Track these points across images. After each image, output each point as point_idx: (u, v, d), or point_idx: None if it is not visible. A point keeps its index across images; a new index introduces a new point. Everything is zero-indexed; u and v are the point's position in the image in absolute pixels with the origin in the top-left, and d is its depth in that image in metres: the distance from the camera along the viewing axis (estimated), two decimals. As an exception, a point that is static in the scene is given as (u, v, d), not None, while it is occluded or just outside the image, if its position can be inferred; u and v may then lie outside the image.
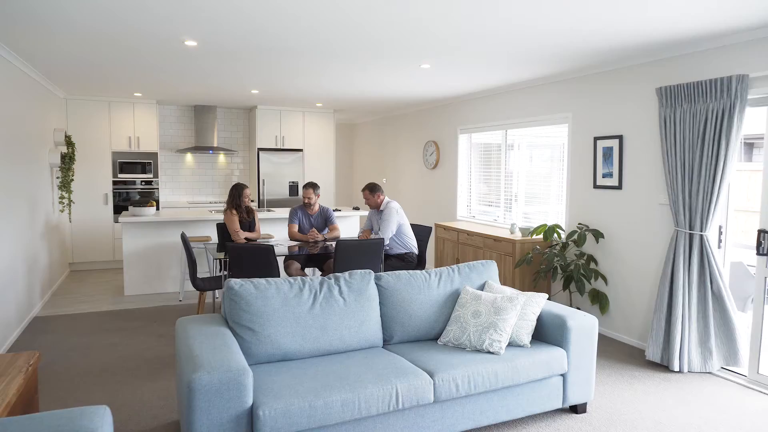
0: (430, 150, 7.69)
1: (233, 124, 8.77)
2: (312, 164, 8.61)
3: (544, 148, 5.76)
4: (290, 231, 5.56)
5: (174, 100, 7.71)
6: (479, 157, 6.88)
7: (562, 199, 5.39)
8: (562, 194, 5.40)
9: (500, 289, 3.43)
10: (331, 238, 5.54)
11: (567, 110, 5.21)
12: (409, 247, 5.28)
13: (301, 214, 5.65)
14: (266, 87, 6.40)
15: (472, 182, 7.02)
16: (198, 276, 5.50)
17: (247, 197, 5.35)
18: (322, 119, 8.63)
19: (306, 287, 3.07)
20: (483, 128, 6.60)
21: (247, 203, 5.38)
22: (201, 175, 8.62)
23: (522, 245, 5.25)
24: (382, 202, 5.28)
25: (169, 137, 8.37)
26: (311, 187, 5.57)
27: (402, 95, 6.91)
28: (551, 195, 5.61)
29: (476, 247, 5.86)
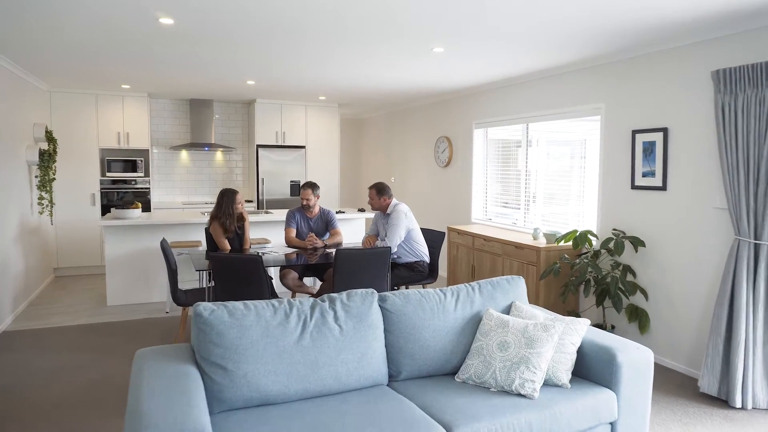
0: (442, 146, 7.09)
1: (231, 120, 8.22)
2: (315, 162, 8.05)
3: (569, 145, 5.14)
4: (287, 236, 4.99)
5: (167, 93, 7.17)
6: (496, 154, 6.27)
7: (592, 202, 4.77)
8: (591, 196, 4.78)
9: (531, 312, 2.83)
10: (333, 245, 4.97)
11: (599, 101, 4.59)
12: (420, 255, 4.69)
13: (300, 217, 5.09)
14: (263, 77, 5.83)
15: (488, 182, 6.41)
16: (180, 288, 4.93)
17: (239, 204, 4.78)
18: (326, 114, 8.06)
19: (293, 312, 2.49)
20: (501, 122, 5.99)
21: (240, 210, 4.81)
22: (197, 174, 8.08)
23: (547, 253, 4.64)
24: (388, 206, 4.70)
25: (163, 133, 7.84)
26: (310, 187, 5.00)
27: (412, 86, 6.32)
28: (577, 196, 4.99)
29: (494, 254, 5.25)
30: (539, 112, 5.35)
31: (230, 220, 4.70)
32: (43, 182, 5.85)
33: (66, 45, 4.31)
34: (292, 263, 4.31)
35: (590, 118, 4.77)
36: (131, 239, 5.54)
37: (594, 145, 4.76)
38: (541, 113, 5.32)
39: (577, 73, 4.83)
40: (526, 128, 5.67)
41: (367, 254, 3.86)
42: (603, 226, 4.58)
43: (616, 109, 4.41)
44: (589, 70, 4.69)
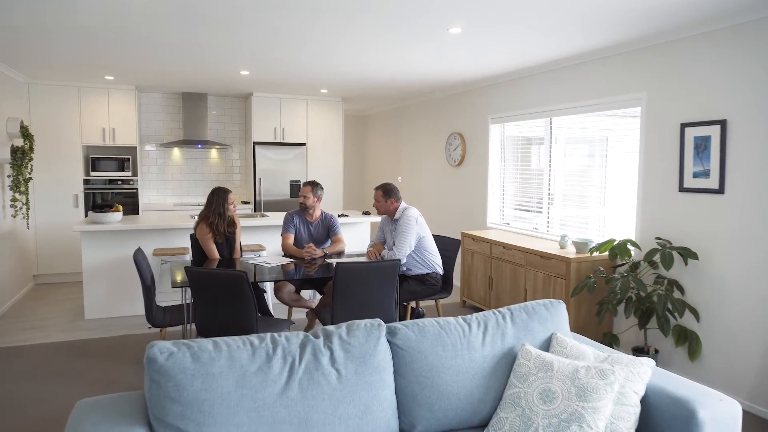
0: (455, 144, 6.51)
1: (227, 115, 7.68)
2: (317, 161, 7.49)
3: (600, 142, 4.55)
4: (283, 243, 4.44)
5: (156, 85, 6.63)
6: (514, 152, 5.69)
7: (628, 207, 4.19)
8: (626, 199, 4.19)
9: (577, 348, 2.26)
10: (334, 254, 4.41)
11: (639, 89, 4.00)
12: (432, 266, 4.12)
13: (299, 221, 4.53)
14: (259, 66, 5.28)
15: (505, 182, 5.83)
16: (159, 304, 4.40)
17: (231, 205, 4.24)
18: (329, 109, 7.49)
19: (278, 353, 1.93)
20: (520, 117, 5.41)
21: (232, 213, 4.27)
22: (190, 173, 7.55)
23: (578, 265, 4.06)
24: (396, 210, 4.13)
25: (153, 129, 7.30)
26: (310, 184, 4.46)
27: (423, 78, 5.75)
28: (605, 200, 4.40)
29: (515, 264, 4.68)
30: (565, 104, 4.76)
31: (220, 221, 4.16)
32: (16, 182, 5.33)
33: (41, 29, 3.77)
34: (288, 276, 3.75)
35: (626, 112, 4.19)
36: (111, 246, 5.00)
37: (627, 142, 4.17)
38: (568, 106, 4.74)
39: (613, 59, 4.25)
40: (549, 123, 5.09)
41: (372, 269, 3.30)
42: (643, 234, 3.99)
43: (661, 100, 3.83)
44: (627, 54, 4.10)
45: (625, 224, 4.24)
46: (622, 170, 4.30)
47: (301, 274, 3.85)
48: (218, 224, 4.16)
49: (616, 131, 4.38)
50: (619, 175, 4.32)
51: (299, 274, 3.83)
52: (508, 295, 4.80)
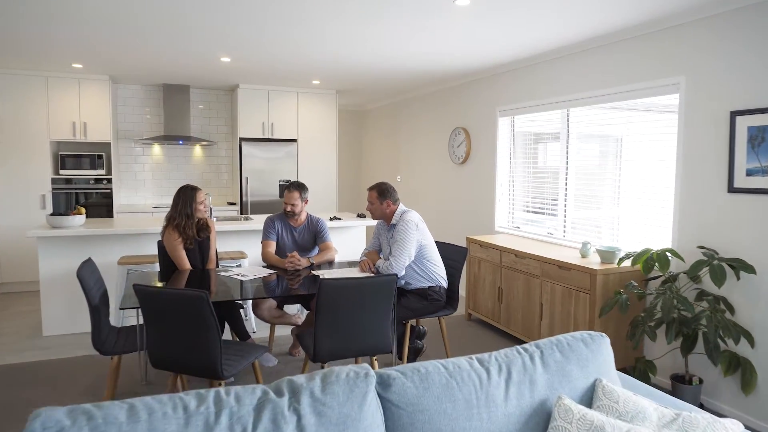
0: (459, 139, 5.94)
1: (212, 109, 7.11)
2: (309, 159, 6.92)
3: (618, 137, 3.98)
4: (264, 251, 3.88)
5: (133, 76, 6.07)
6: (525, 148, 5.12)
7: (662, 210, 3.62)
8: (657, 201, 3.63)
9: (633, 403, 1.69)
10: (322, 263, 3.85)
11: (676, 73, 3.43)
12: (435, 279, 3.56)
13: (281, 227, 3.97)
14: (241, 52, 4.71)
15: (514, 182, 5.26)
16: (113, 325, 3.83)
17: (201, 204, 3.67)
18: (322, 102, 6.92)
19: (222, 421, 1.37)
20: (533, 108, 4.84)
21: (202, 214, 3.71)
22: (171, 172, 6.98)
23: (605, 278, 3.50)
24: (392, 213, 3.57)
25: (131, 124, 6.73)
26: (297, 189, 3.90)
27: (424, 66, 5.18)
28: (633, 202, 3.84)
29: (530, 274, 4.11)
30: (586, 93, 4.19)
31: (189, 224, 3.60)
32: (-31, 182, 4.76)
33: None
34: (268, 291, 3.19)
35: (663, 99, 3.62)
36: (72, 253, 4.44)
37: (651, 136, 3.61)
38: (589, 95, 4.17)
39: (643, 39, 3.68)
40: (566, 115, 4.52)
41: (364, 286, 2.72)
42: (683, 242, 3.42)
43: (704, 85, 3.26)
44: (661, 33, 3.53)
45: (653, 230, 3.67)
46: (647, 168, 3.73)
47: (283, 288, 3.28)
48: (187, 227, 3.60)
49: (638, 124, 3.81)
50: (644, 174, 3.75)
51: (280, 289, 3.27)
52: (520, 310, 4.23)
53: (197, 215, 3.66)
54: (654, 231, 3.70)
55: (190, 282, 3.32)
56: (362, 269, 3.54)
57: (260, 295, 3.10)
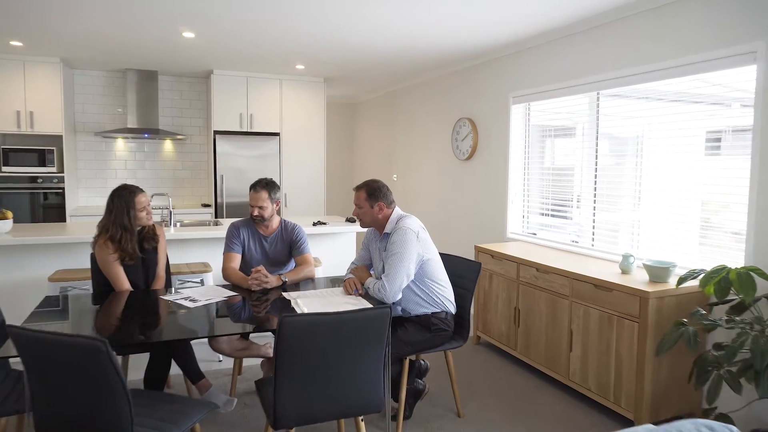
0: (464, 132, 5.17)
1: (184, 99, 6.31)
2: (293, 155, 6.13)
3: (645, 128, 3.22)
4: (225, 266, 3.10)
5: (91, 60, 5.27)
6: (542, 140, 4.36)
7: (725, 216, 2.85)
8: (714, 205, 2.86)
9: None
10: (298, 281, 3.07)
11: (753, 38, 2.67)
12: (441, 303, 2.78)
13: (248, 236, 3.20)
14: (207, 26, 3.92)
15: (529, 180, 4.49)
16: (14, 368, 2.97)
17: (143, 211, 2.89)
18: (308, 91, 6.14)
19: None
20: (552, 92, 4.07)
21: (146, 222, 2.92)
22: (138, 170, 6.18)
23: (659, 302, 2.73)
24: (386, 219, 2.79)
25: (90, 115, 5.93)
26: (264, 187, 3.14)
27: (424, 47, 4.40)
28: (686, 203, 3.07)
29: (556, 294, 3.33)
30: (622, 71, 3.43)
31: (127, 237, 2.82)
32: None
33: None
34: (230, 319, 2.40)
35: (728, 73, 2.85)
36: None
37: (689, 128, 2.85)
38: (625, 73, 3.40)
39: (697, 1, 2.91)
40: (595, 99, 3.76)
41: (344, 325, 1.93)
42: (759, 257, 2.65)
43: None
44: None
45: (710, 242, 2.91)
46: (698, 167, 2.96)
47: (246, 315, 2.50)
48: (124, 241, 2.81)
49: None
50: (693, 175, 2.98)
51: (245, 315, 2.49)
52: (543, 336, 3.45)
53: (138, 224, 2.88)
54: (724, 241, 2.93)
55: (128, 308, 2.54)
56: (347, 291, 2.77)
57: (213, 328, 2.31)
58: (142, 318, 2.40)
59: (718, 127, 2.95)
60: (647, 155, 3.40)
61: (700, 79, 3.00)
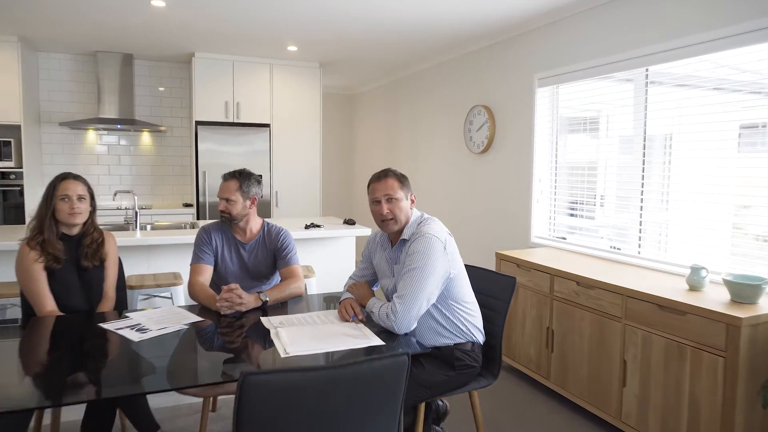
0: (478, 121, 4.54)
1: (164, 86, 5.67)
2: (285, 149, 5.49)
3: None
4: (191, 281, 2.47)
5: (56, 40, 4.63)
6: (572, 128, 3.73)
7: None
8: None
9: None
10: (282, 300, 2.43)
11: None
12: (468, 332, 2.14)
13: (221, 243, 2.58)
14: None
15: (557, 176, 3.86)
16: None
17: (67, 204, 2.25)
18: (303, 78, 5.50)
19: None
20: (587, 71, 3.43)
21: (67, 217, 2.27)
22: (112, 165, 5.54)
23: (753, 331, 2.09)
24: (408, 221, 2.15)
25: (57, 104, 5.29)
26: (234, 177, 2.54)
27: (433, 23, 3.76)
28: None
29: (604, 314, 2.69)
30: (680, 40, 2.79)
31: (51, 237, 2.21)
32: None
33: None
34: (192, 356, 1.77)
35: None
36: None
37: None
38: (685, 42, 2.77)
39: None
40: (644, 77, 3.12)
41: (339, 381, 1.28)
42: None
43: None
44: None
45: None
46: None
47: (211, 353, 1.86)
48: (46, 243, 2.18)
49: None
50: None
51: (208, 353, 1.85)
52: (585, 366, 2.82)
53: (60, 218, 2.24)
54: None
55: (51, 342, 1.90)
56: (342, 317, 2.13)
57: (160, 376, 1.66)
58: (61, 359, 1.76)
59: None
60: (698, 147, 2.76)
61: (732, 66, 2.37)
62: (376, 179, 2.15)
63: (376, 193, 2.12)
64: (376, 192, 2.12)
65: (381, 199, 2.10)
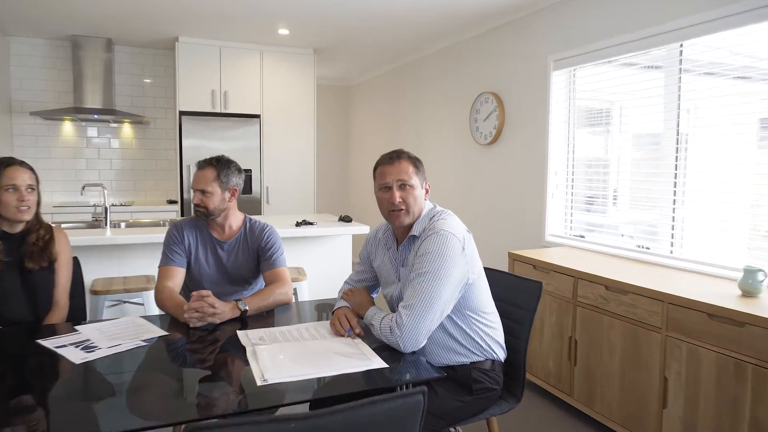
0: (486, 109, 4.17)
1: (147, 74, 5.29)
2: (276, 142, 5.12)
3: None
4: (158, 287, 2.09)
5: (28, 22, 4.25)
6: (590, 118, 3.36)
7: None
8: None
9: None
10: (265, 309, 2.05)
11: None
12: (487, 348, 1.77)
13: (196, 241, 2.21)
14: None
15: (575, 168, 3.50)
16: None
17: (8, 190, 1.88)
18: (295, 65, 5.12)
19: None
20: (611, 50, 3.07)
21: (14, 212, 1.90)
22: (91, 159, 5.16)
23: (834, 346, 1.73)
24: (420, 214, 1.78)
25: (30, 92, 4.90)
26: (210, 165, 2.16)
27: (437, 1, 3.41)
28: None
29: (639, 323, 2.33)
30: (716, 11, 2.44)
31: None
32: None
33: None
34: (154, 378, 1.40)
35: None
36: None
37: None
38: (725, 13, 2.41)
39: None
40: (677, 53, 2.77)
41: (328, 429, 0.93)
42: None
43: None
44: None
45: None
46: None
47: (174, 371, 1.49)
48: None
49: None
50: None
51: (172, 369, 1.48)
52: (617, 382, 2.46)
53: (8, 216, 1.88)
54: None
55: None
56: (336, 330, 1.76)
57: (94, 411, 1.29)
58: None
59: None
60: (746, 132, 2.41)
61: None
62: (386, 161, 1.80)
63: (386, 177, 1.76)
64: (387, 176, 1.76)
65: (392, 184, 1.74)
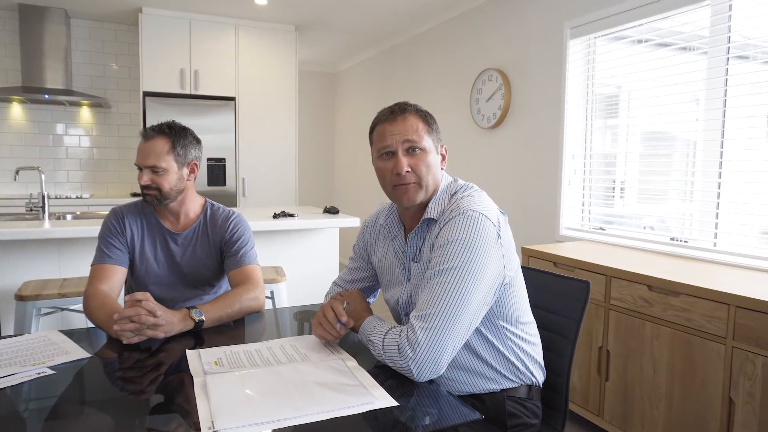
0: (489, 89, 3.73)
1: (107, 52, 4.75)
2: (253, 127, 4.62)
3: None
4: (88, 293, 1.57)
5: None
6: (610, 98, 2.94)
7: None
8: None
9: None
10: (228, 319, 1.56)
11: None
12: (525, 369, 1.31)
13: (140, 232, 1.70)
14: None
15: (592, 155, 3.07)
16: None
17: None
18: (275, 42, 4.62)
19: None
20: (639, 11, 2.64)
21: None
22: (44, 147, 4.60)
23: None
24: (436, 189, 1.31)
25: (-29, 70, 4.34)
26: (163, 134, 1.64)
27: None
28: None
29: (696, 332, 1.90)
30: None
31: None
32: None
33: None
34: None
35: None
36: None
37: None
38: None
39: None
40: (721, 20, 2.35)
41: None
42: None
43: None
44: None
45: None
46: None
47: (88, 414, 0.99)
48: None
49: None
50: None
51: (85, 412, 0.98)
52: (664, 403, 2.03)
53: None
54: None
55: None
56: (321, 335, 1.29)
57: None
58: None
59: None
60: None
61: None
62: (387, 117, 1.29)
63: (387, 139, 1.27)
64: (388, 137, 1.26)
65: (396, 148, 1.26)
